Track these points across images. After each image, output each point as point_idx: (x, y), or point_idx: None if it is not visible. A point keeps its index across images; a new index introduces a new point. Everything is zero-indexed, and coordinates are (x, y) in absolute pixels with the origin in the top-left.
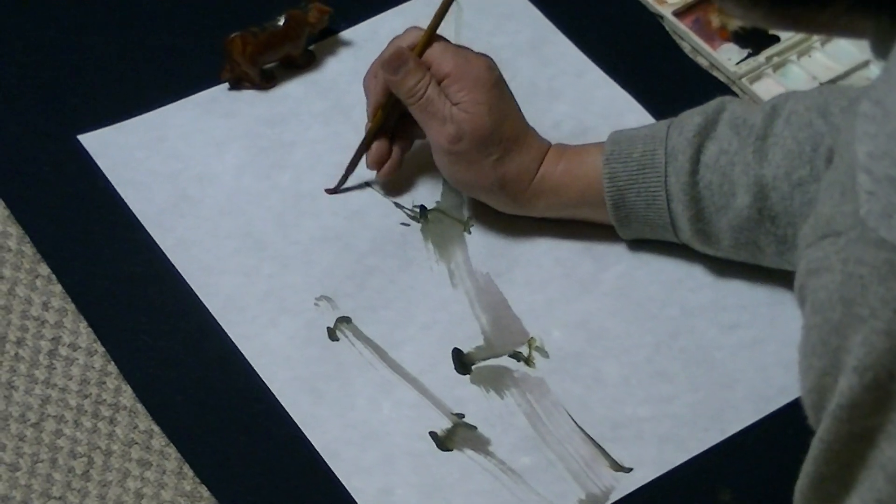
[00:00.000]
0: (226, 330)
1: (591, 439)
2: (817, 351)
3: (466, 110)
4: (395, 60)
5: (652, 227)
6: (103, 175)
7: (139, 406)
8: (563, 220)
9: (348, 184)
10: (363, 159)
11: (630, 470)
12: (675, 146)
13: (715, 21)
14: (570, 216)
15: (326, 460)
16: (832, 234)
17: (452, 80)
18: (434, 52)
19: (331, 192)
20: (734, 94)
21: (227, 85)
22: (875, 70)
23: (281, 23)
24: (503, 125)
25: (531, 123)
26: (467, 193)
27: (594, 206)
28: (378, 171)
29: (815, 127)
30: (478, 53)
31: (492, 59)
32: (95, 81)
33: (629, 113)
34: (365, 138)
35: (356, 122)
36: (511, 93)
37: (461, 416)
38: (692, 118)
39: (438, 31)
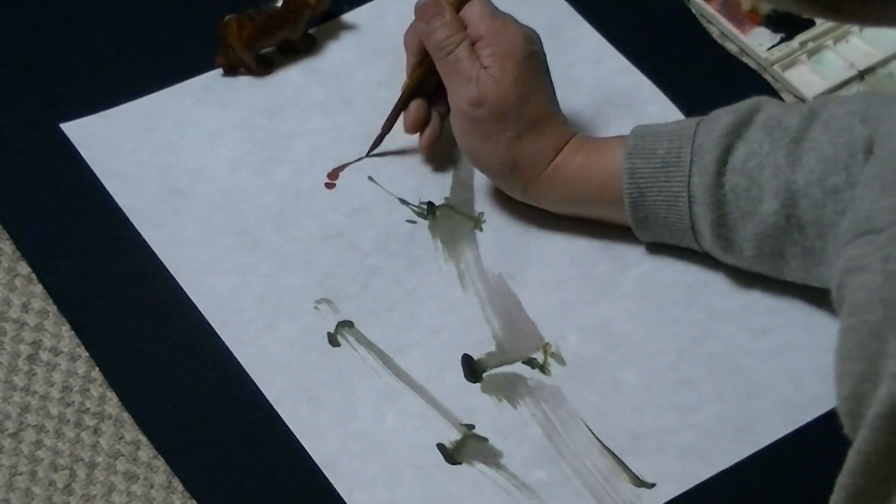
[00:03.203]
0: (219, 334)
1: (610, 452)
2: (855, 355)
3: (493, 75)
4: (429, 9)
5: (671, 230)
6: (88, 167)
7: (125, 415)
8: (579, 218)
9: (349, 181)
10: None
11: (652, 485)
12: (702, 145)
13: (745, 4)
14: (585, 214)
15: (326, 474)
16: (871, 232)
17: (485, 44)
18: (473, 11)
19: (329, 183)
20: (765, 82)
21: (220, 71)
22: None
23: (279, 4)
24: (527, 101)
25: None
26: (478, 169)
27: (611, 205)
28: (420, 139)
29: (855, 133)
30: (521, 24)
31: (536, 34)
32: (80, 66)
33: (652, 103)
34: (401, 96)
35: (359, 112)
36: (548, 72)
37: (471, 426)
38: (723, 117)
39: None
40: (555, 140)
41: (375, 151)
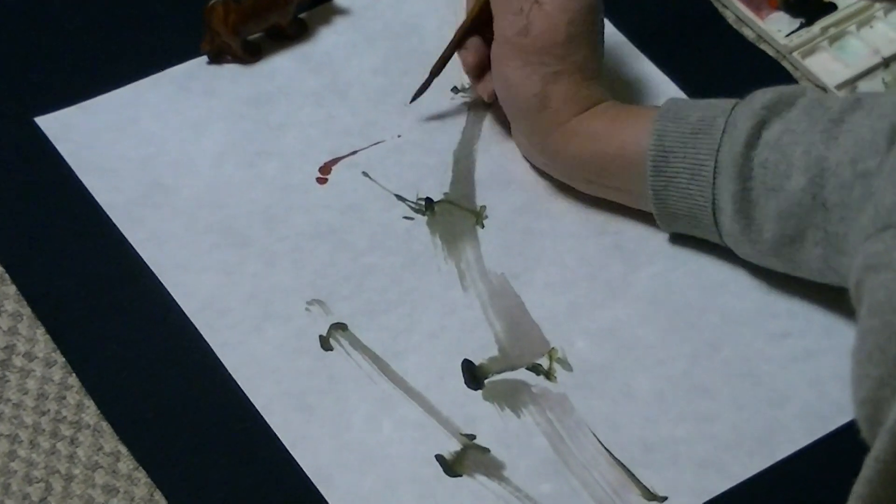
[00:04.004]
0: (204, 337)
1: (620, 463)
2: (874, 358)
3: (547, 11)
4: None
5: (690, 206)
6: (64, 162)
7: (104, 424)
8: (588, 202)
9: (342, 176)
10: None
11: (664, 499)
12: (737, 116)
13: None
14: (600, 182)
15: (318, 487)
16: (894, 226)
17: None
18: None
19: (321, 177)
20: (784, 70)
21: (205, 59)
22: None
23: None
24: (576, 45)
25: None
26: (507, 107)
27: (630, 169)
28: (483, 84)
29: None
30: None
31: None
32: (54, 55)
33: (663, 94)
34: (457, 32)
35: (354, 102)
36: (602, 31)
37: (472, 436)
38: (765, 94)
39: None
40: (591, 94)
41: (347, 151)
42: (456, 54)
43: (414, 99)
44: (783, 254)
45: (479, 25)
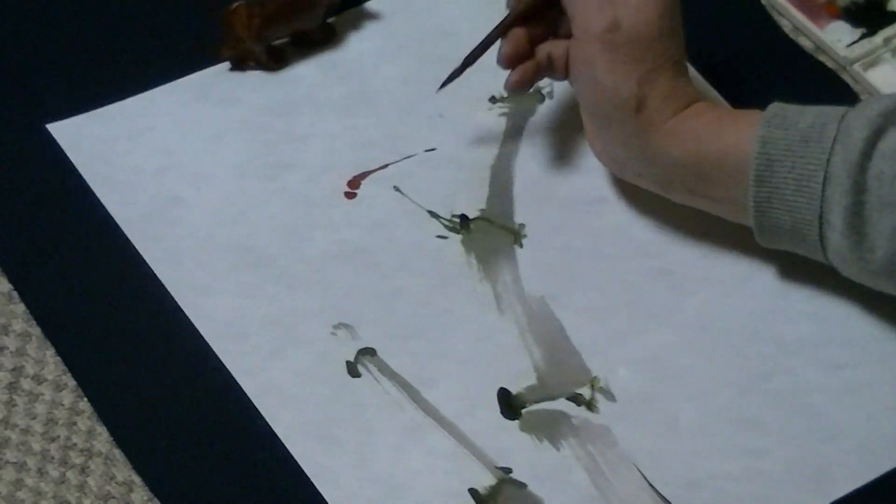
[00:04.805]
0: (223, 362)
1: (665, 500)
2: None
3: (633, 4)
4: None
5: (794, 219)
6: (76, 172)
7: (117, 452)
8: (632, 221)
9: (371, 191)
10: (488, 54)
11: None
12: (850, 123)
13: None
14: (699, 190)
15: None
16: None
17: None
18: None
19: (349, 192)
20: (843, 83)
21: (227, 65)
22: None
23: None
24: (669, 39)
25: None
26: (594, 110)
27: (733, 176)
28: (511, 74)
29: None
30: None
31: None
32: (68, 59)
33: None
34: (503, 21)
35: (383, 112)
36: (683, 25)
37: (507, 470)
38: (881, 99)
39: None
40: (687, 92)
41: (377, 164)
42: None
43: (443, 86)
44: (895, 275)
45: (526, 18)
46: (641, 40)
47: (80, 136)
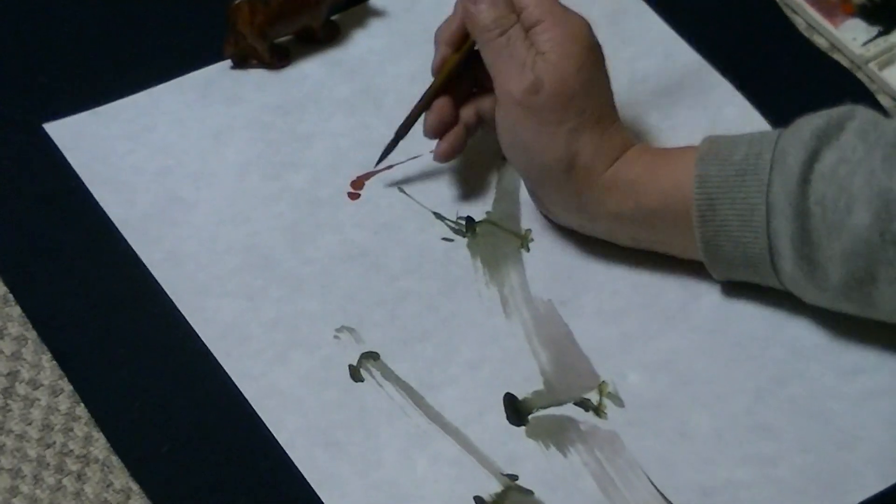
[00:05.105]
0: (224, 366)
1: None
2: None
3: (552, 61)
4: None
5: (745, 253)
6: (74, 172)
7: (114, 459)
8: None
9: (376, 192)
10: (412, 131)
11: None
12: (784, 148)
13: None
14: (645, 238)
15: None
16: None
17: (544, 29)
18: None
19: (353, 193)
20: (858, 82)
21: (229, 63)
22: None
23: None
24: (590, 94)
25: None
26: (526, 173)
27: (676, 220)
28: (438, 146)
29: None
30: (579, 14)
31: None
32: (65, 55)
33: (729, 105)
34: (426, 93)
35: (389, 111)
36: (606, 71)
37: (514, 477)
38: (812, 120)
39: None
40: (617, 142)
41: (383, 164)
42: None
43: (380, 161)
44: (854, 297)
45: (449, 85)
46: (562, 98)
47: (77, 136)
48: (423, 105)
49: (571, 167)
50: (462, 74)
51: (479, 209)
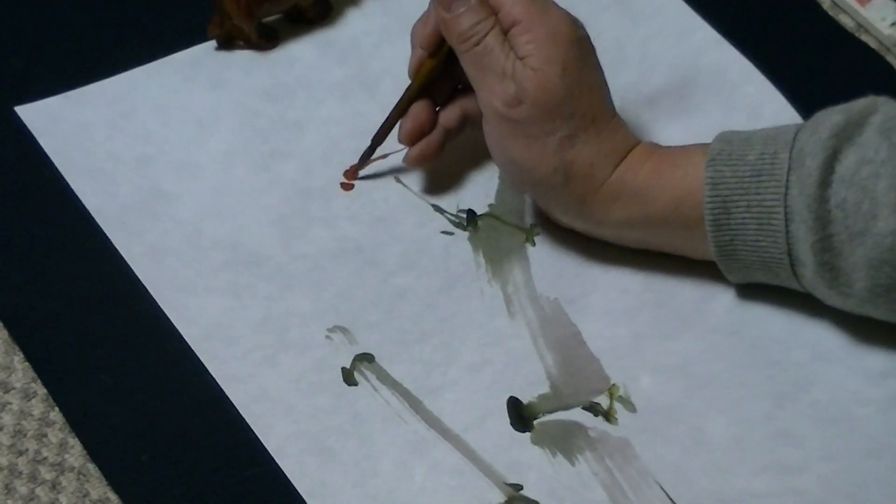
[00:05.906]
0: (208, 369)
1: None
2: None
3: (534, 67)
4: None
5: (764, 259)
6: (48, 160)
7: (91, 467)
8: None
9: (372, 175)
10: (393, 132)
11: None
12: (803, 149)
13: None
14: (656, 243)
15: None
16: None
17: (523, 30)
18: None
19: (346, 183)
20: (887, 64)
21: (214, 44)
22: None
23: None
24: (579, 96)
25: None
26: (521, 187)
27: (689, 227)
28: (410, 150)
29: None
30: (562, 8)
31: (578, 20)
32: (39, 35)
33: (748, 85)
34: (401, 100)
35: (384, 96)
36: (598, 64)
37: (518, 486)
38: (830, 116)
39: None
40: (617, 143)
41: (377, 153)
42: None
43: (354, 174)
44: (882, 304)
45: (426, 89)
46: (547, 107)
47: (52, 121)
48: (399, 112)
49: (569, 178)
50: (442, 75)
51: (481, 201)
